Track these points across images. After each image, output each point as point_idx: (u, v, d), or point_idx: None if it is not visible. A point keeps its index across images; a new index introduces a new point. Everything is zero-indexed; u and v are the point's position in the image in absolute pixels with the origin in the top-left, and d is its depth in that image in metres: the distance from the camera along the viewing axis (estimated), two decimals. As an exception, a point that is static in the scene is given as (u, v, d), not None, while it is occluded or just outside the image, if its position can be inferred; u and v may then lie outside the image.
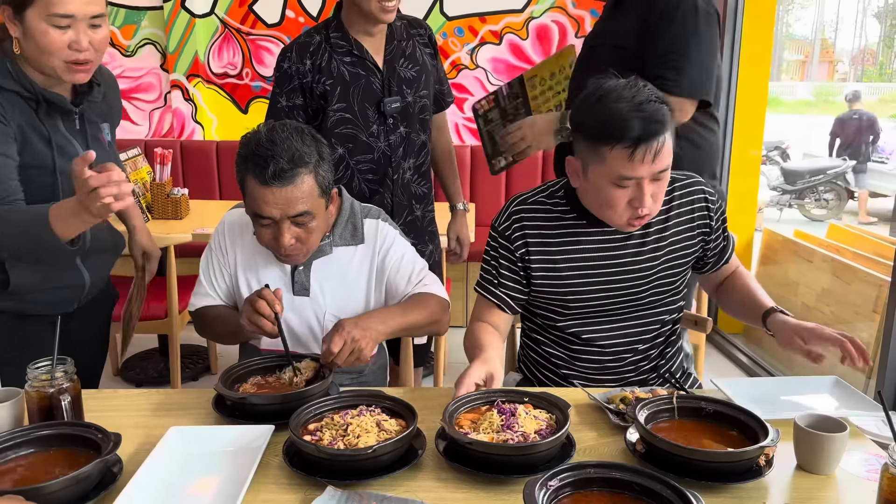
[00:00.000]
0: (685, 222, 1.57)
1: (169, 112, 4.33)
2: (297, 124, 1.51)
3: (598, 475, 1.04)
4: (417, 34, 2.22)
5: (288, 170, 1.42)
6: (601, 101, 1.40)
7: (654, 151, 1.36)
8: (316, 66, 2.09)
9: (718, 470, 1.13)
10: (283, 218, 1.46)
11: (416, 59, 2.18)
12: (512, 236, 1.57)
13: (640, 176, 1.38)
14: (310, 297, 1.63)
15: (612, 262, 1.54)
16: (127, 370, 3.38)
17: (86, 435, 1.17)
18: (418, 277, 1.66)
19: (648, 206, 1.42)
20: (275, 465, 1.20)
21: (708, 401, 1.27)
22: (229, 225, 1.69)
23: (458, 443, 1.16)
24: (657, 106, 1.38)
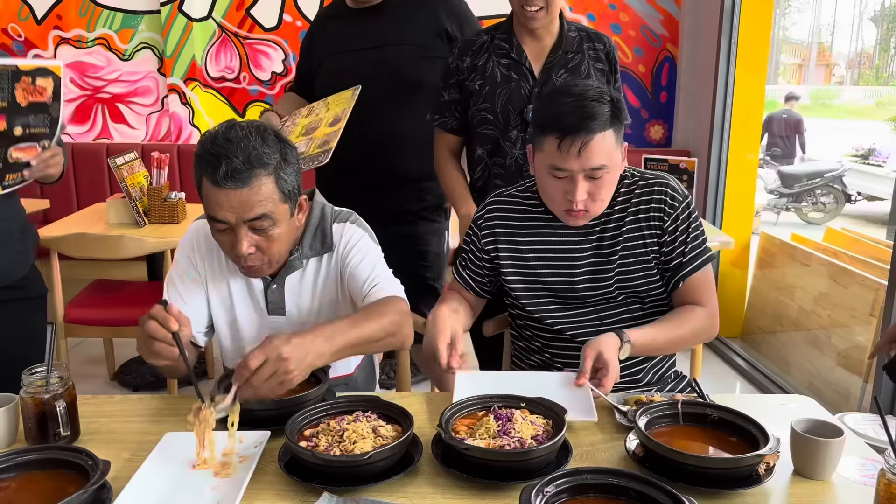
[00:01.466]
0: (642, 219, 1.57)
1: (166, 116, 4.33)
2: (259, 122, 1.40)
3: (594, 481, 1.04)
4: (592, 48, 2.15)
5: (243, 170, 1.31)
6: (553, 94, 1.50)
7: (580, 145, 1.41)
8: (473, 65, 2.13)
9: (715, 476, 1.12)
10: (240, 222, 1.35)
11: (579, 71, 2.12)
12: (483, 225, 1.66)
13: (569, 168, 1.44)
14: (286, 316, 1.56)
15: (574, 255, 1.59)
16: (123, 375, 3.37)
17: (73, 460, 1.13)
18: (372, 282, 1.50)
19: (583, 203, 1.47)
20: (271, 471, 1.20)
21: (713, 407, 1.27)
22: (197, 236, 1.57)
23: (455, 448, 1.16)
24: (597, 105, 1.42)
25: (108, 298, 3.02)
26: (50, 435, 1.26)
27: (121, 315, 2.89)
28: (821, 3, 27.88)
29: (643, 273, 1.58)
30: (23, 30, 4.29)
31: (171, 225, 3.11)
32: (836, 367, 3.13)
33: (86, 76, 4.33)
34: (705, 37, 3.85)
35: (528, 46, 2.11)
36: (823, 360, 3.22)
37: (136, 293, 3.12)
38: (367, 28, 2.40)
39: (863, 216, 8.77)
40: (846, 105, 22.03)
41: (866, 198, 9.05)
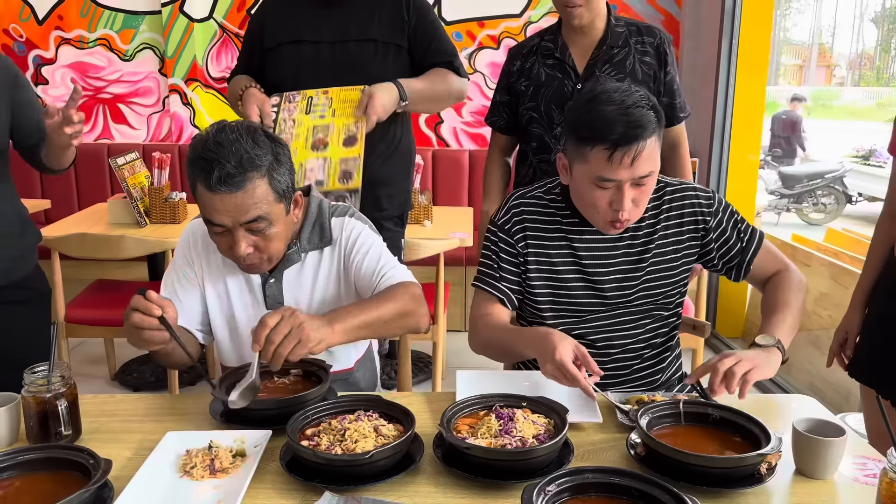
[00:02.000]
0: (674, 226, 1.57)
1: (167, 116, 4.34)
2: (249, 123, 1.40)
3: (595, 480, 1.04)
4: (640, 42, 2.14)
5: (236, 174, 1.31)
6: (590, 102, 1.43)
7: (633, 156, 1.38)
8: (521, 68, 2.17)
9: (717, 475, 1.12)
10: (236, 225, 1.36)
11: (625, 66, 2.11)
12: (512, 230, 1.59)
13: (619, 179, 1.40)
14: None
15: (604, 262, 1.56)
16: (124, 375, 3.37)
17: (75, 459, 1.13)
18: (380, 272, 1.52)
19: (628, 210, 1.43)
20: (272, 470, 1.20)
21: (715, 407, 1.27)
22: (194, 236, 1.58)
23: (456, 448, 1.16)
24: (643, 112, 1.38)
25: (108, 298, 3.02)
26: (51, 434, 1.26)
27: (122, 315, 2.86)
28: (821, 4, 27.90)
29: (669, 280, 1.58)
30: (24, 30, 4.29)
31: (172, 225, 3.10)
32: (837, 367, 3.11)
33: (87, 77, 4.33)
34: (706, 38, 3.85)
35: (573, 45, 2.13)
36: (824, 361, 3.20)
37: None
38: (329, 20, 2.22)
39: (864, 217, 8.77)
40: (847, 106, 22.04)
41: (867, 198, 9.05)
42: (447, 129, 4.30)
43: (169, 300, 1.34)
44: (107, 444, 1.27)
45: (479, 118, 4.28)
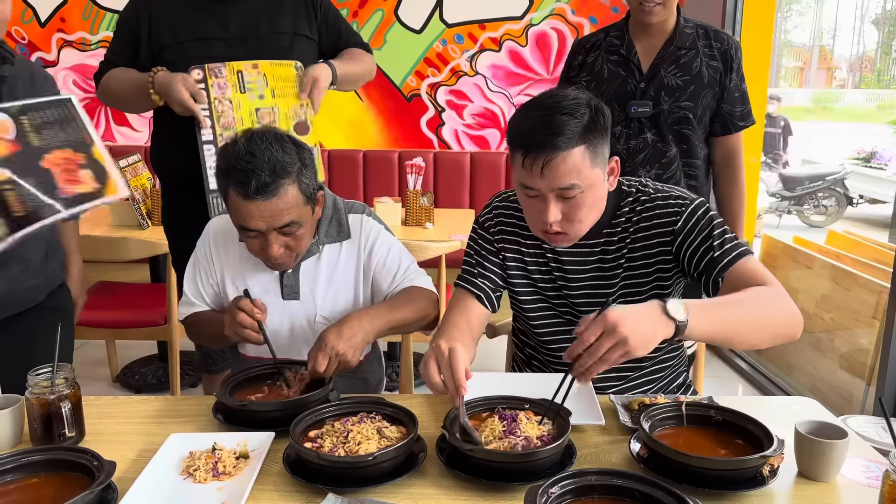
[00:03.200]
0: (642, 238, 1.48)
1: (169, 118, 4.34)
2: (276, 131, 1.47)
3: (599, 482, 1.04)
4: (707, 45, 2.12)
5: (270, 182, 1.39)
6: (526, 105, 1.39)
7: (543, 164, 1.30)
8: (583, 62, 2.16)
9: (719, 478, 1.12)
10: (270, 230, 1.45)
11: (691, 68, 2.10)
12: (491, 229, 1.59)
13: (536, 187, 1.34)
14: (300, 300, 1.63)
15: (574, 274, 1.52)
16: (126, 377, 3.37)
17: (79, 461, 1.13)
18: (404, 273, 1.64)
19: (557, 224, 1.37)
20: (275, 472, 1.20)
21: (717, 409, 1.27)
22: (214, 234, 1.68)
23: (459, 450, 1.16)
24: (564, 119, 1.30)
25: (110, 300, 3.02)
26: (55, 436, 1.26)
27: (123, 317, 2.89)
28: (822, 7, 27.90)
29: (645, 294, 1.50)
30: (26, 32, 4.30)
31: (174, 227, 3.10)
32: (839, 369, 3.12)
33: (89, 79, 4.33)
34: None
35: (639, 43, 2.11)
36: (826, 363, 3.21)
37: (139, 295, 3.12)
38: (235, 15, 2.09)
39: (864, 219, 8.77)
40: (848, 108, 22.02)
41: (868, 201, 9.06)
42: (448, 131, 4.31)
43: (266, 307, 1.49)
44: (110, 446, 1.28)
45: (480, 120, 4.28)
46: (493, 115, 4.26)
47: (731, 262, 1.38)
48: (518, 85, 4.22)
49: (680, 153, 2.18)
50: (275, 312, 1.62)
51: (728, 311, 1.27)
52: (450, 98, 4.26)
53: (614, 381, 1.58)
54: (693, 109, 2.13)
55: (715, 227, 1.43)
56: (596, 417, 1.33)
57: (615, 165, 1.43)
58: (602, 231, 1.49)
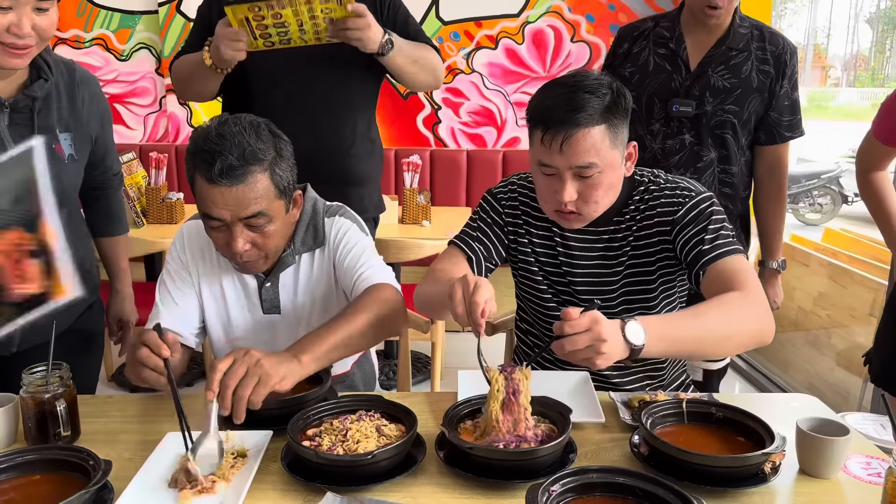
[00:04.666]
0: (645, 227, 1.48)
1: (164, 117, 4.32)
2: (253, 117, 1.37)
3: (600, 480, 1.03)
4: (760, 47, 2.01)
5: (238, 167, 1.30)
6: (548, 83, 1.40)
7: (562, 140, 1.32)
8: (629, 51, 2.07)
9: (721, 475, 1.12)
10: (235, 220, 1.34)
11: (740, 71, 2.00)
12: (503, 202, 1.57)
13: (554, 164, 1.36)
14: (281, 314, 1.55)
15: (577, 261, 1.52)
16: (121, 375, 3.35)
17: (75, 460, 1.12)
18: (359, 270, 1.48)
19: (572, 203, 1.38)
20: (273, 470, 1.19)
21: (718, 406, 1.26)
22: (188, 237, 1.55)
23: (459, 448, 1.15)
24: (586, 97, 1.31)
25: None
26: (50, 435, 1.24)
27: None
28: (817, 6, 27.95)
29: (650, 292, 1.50)
30: (20, 30, 4.27)
31: (170, 225, 3.10)
32: (836, 367, 3.12)
33: (83, 76, 4.31)
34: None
35: (690, 38, 2.02)
36: (823, 361, 3.21)
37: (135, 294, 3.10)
38: None
39: (859, 217, 8.78)
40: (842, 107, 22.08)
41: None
42: (445, 129, 4.30)
43: (179, 345, 1.29)
44: (106, 445, 1.26)
45: (476, 118, 4.27)
46: (489, 112, 4.25)
47: (716, 258, 1.38)
48: (515, 83, 4.20)
49: (718, 159, 2.07)
50: (256, 327, 1.56)
51: (690, 327, 1.25)
52: (446, 96, 4.24)
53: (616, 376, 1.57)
54: (738, 114, 2.02)
55: (713, 221, 1.43)
56: (596, 415, 1.33)
57: (633, 150, 1.44)
58: (612, 218, 1.50)
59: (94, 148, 1.64)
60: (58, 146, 1.49)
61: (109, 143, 1.72)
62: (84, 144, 1.59)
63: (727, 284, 1.33)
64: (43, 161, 1.28)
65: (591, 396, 1.39)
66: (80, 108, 1.56)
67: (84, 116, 1.57)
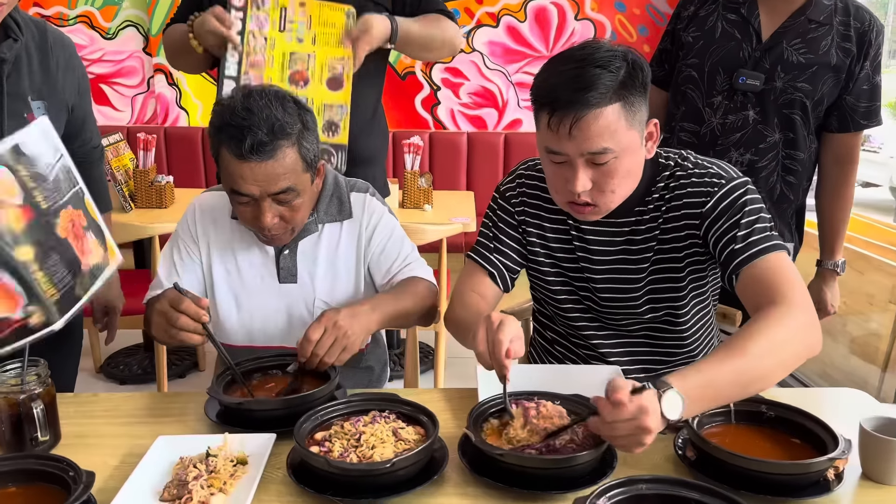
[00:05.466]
0: (673, 219, 1.32)
1: (152, 97, 4.16)
2: (277, 89, 1.33)
3: (651, 491, 0.92)
4: (843, 22, 1.80)
5: (267, 142, 1.27)
6: (554, 57, 1.24)
7: (571, 123, 1.15)
8: (694, 14, 1.90)
9: (780, 483, 1.00)
10: (264, 196, 1.31)
11: (818, 46, 1.79)
12: (513, 199, 1.43)
13: (563, 151, 1.19)
14: (297, 283, 1.49)
15: (597, 255, 1.37)
16: (109, 367, 3.22)
17: (53, 471, 0.99)
18: (402, 262, 1.51)
19: (586, 194, 1.22)
20: (277, 479, 1.07)
21: (769, 404, 1.14)
22: (201, 210, 1.52)
23: (487, 454, 1.03)
24: (597, 72, 1.15)
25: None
26: (26, 440, 1.11)
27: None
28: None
29: (679, 290, 1.34)
30: None
31: (159, 210, 2.95)
32: (851, 355, 3.02)
33: (67, 56, 4.14)
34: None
35: (765, 4, 1.83)
36: (837, 348, 3.11)
37: (124, 281, 2.93)
38: None
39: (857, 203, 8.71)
40: None
41: (861, 184, 9.00)
42: (444, 110, 4.16)
43: (206, 304, 1.28)
44: (89, 451, 1.14)
45: (476, 99, 4.13)
46: (490, 93, 4.11)
47: (751, 258, 1.21)
48: (516, 62, 4.06)
49: (783, 142, 1.86)
50: (271, 297, 1.48)
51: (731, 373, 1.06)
52: (445, 76, 4.10)
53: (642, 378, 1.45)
54: (810, 94, 1.81)
55: (747, 213, 1.25)
56: None
57: (654, 129, 1.26)
58: (633, 209, 1.33)
59: (70, 118, 1.51)
60: (30, 115, 1.37)
61: (87, 111, 1.59)
62: (60, 114, 1.46)
63: (766, 293, 1.17)
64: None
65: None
66: (53, 72, 1.43)
67: (59, 82, 1.44)
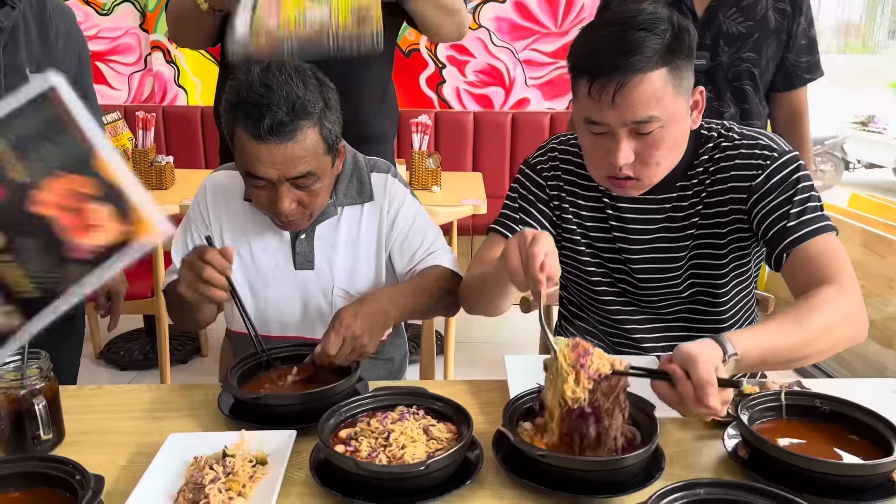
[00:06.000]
0: (718, 192, 1.24)
1: (150, 75, 4.05)
2: (298, 64, 1.25)
3: (710, 496, 0.84)
4: None
5: (288, 122, 1.18)
6: (593, 23, 1.18)
7: (614, 90, 1.09)
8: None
9: (844, 485, 0.93)
10: (282, 180, 1.23)
11: (754, 13, 1.80)
12: (544, 173, 1.35)
13: (605, 121, 1.13)
14: (314, 270, 1.40)
15: (635, 233, 1.29)
16: (109, 353, 3.14)
17: (59, 474, 0.91)
18: (427, 250, 1.43)
19: (628, 167, 1.16)
20: (299, 480, 0.99)
21: (824, 398, 1.07)
22: (212, 190, 1.44)
23: (526, 454, 0.95)
24: (640, 35, 1.09)
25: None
26: (28, 439, 1.03)
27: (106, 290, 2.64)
28: (811, -30, 27.65)
29: (720, 268, 1.27)
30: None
31: (159, 191, 2.86)
32: (869, 339, 2.96)
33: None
34: None
35: None
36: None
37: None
38: None
39: (862, 184, 8.64)
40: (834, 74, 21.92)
41: (865, 165, 8.92)
42: (449, 89, 4.05)
43: (233, 256, 1.21)
44: (96, 450, 1.06)
45: (483, 77, 4.03)
46: (497, 71, 4.00)
47: (803, 238, 1.15)
48: (524, 39, 3.95)
49: (740, 114, 1.88)
50: (286, 284, 1.40)
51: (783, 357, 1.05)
52: (451, 53, 3.99)
53: None
54: (756, 62, 1.84)
55: (800, 189, 1.19)
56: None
57: (700, 98, 1.19)
58: (675, 183, 1.25)
59: None
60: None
61: (88, 86, 1.51)
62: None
63: (817, 275, 1.12)
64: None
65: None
66: (53, 43, 1.34)
67: (59, 53, 1.36)
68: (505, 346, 3.34)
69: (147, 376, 3.01)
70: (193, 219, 1.44)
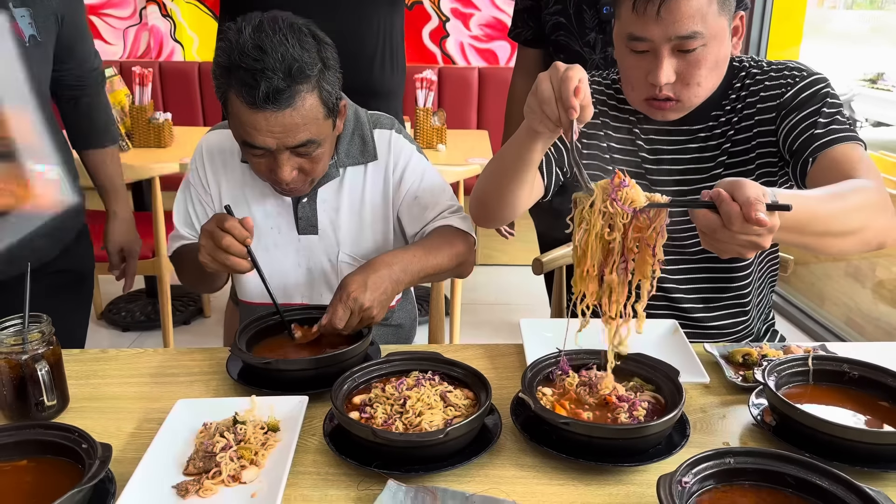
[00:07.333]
0: (745, 118, 1.24)
1: (145, 30, 3.94)
2: (290, 18, 1.16)
3: (741, 465, 0.81)
4: None
5: (284, 88, 1.11)
6: None
7: (660, 3, 1.08)
8: None
9: (878, 454, 0.89)
10: (281, 148, 1.17)
11: None
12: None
13: (649, 37, 1.11)
14: (318, 234, 1.35)
15: (665, 165, 1.27)
16: (111, 314, 3.11)
17: (64, 442, 0.88)
18: (440, 207, 1.36)
19: (669, 87, 1.15)
20: (312, 448, 0.96)
21: (852, 363, 1.03)
22: (208, 151, 1.38)
23: (548, 422, 0.92)
24: None
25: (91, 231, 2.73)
26: (31, 405, 1.00)
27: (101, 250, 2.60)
28: (820, -78, 27.00)
29: None
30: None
31: (158, 149, 2.79)
32: (878, 300, 2.94)
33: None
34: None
35: None
36: (863, 294, 3.02)
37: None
38: None
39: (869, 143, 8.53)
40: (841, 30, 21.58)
41: (872, 124, 8.80)
42: (453, 43, 3.95)
43: (252, 226, 1.16)
44: (101, 417, 1.03)
45: (488, 31, 3.92)
46: (502, 25, 3.89)
47: (832, 143, 1.13)
48: (530, -8, 3.84)
49: None
50: (289, 250, 1.36)
51: (824, 209, 0.98)
52: (455, 6, 3.88)
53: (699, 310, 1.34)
54: None
55: (829, 104, 1.17)
56: (699, 374, 1.09)
57: (740, 24, 1.18)
58: (710, 112, 1.25)
59: (60, 30, 1.37)
60: (15, 25, 1.22)
61: (81, 25, 1.45)
62: (47, 23, 1.32)
63: (848, 174, 1.07)
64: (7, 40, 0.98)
65: (685, 350, 1.16)
66: None
67: None
68: (511, 307, 3.32)
69: (149, 337, 2.99)
70: (193, 183, 1.39)
